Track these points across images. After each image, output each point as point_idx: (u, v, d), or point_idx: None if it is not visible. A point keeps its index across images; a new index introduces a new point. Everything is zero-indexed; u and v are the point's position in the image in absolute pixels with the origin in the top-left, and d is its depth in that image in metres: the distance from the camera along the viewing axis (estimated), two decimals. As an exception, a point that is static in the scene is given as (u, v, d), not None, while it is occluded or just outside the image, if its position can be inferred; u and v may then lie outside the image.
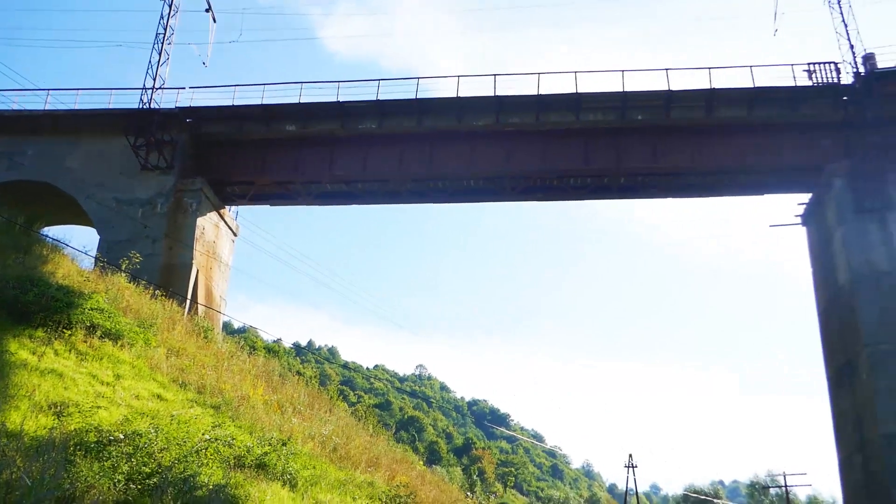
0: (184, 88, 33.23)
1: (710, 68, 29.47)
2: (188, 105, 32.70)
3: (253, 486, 13.60)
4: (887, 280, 26.18)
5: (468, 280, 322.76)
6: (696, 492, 62.78)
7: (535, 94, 30.39)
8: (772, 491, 51.04)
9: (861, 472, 25.89)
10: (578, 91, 30.04)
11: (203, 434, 14.08)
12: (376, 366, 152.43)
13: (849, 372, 26.94)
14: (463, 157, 32.04)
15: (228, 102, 32.63)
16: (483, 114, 31.39)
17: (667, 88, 29.50)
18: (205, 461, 13.04)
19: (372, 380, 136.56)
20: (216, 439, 14.13)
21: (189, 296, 30.33)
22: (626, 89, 29.72)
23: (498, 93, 30.73)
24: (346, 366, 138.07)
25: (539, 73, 30.56)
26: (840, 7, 30.23)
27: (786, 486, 43.48)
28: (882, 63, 28.61)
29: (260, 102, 32.24)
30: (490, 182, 33.12)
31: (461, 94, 31.05)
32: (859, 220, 27.31)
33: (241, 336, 58.26)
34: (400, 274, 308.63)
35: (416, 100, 31.38)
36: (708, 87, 29.36)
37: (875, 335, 25.57)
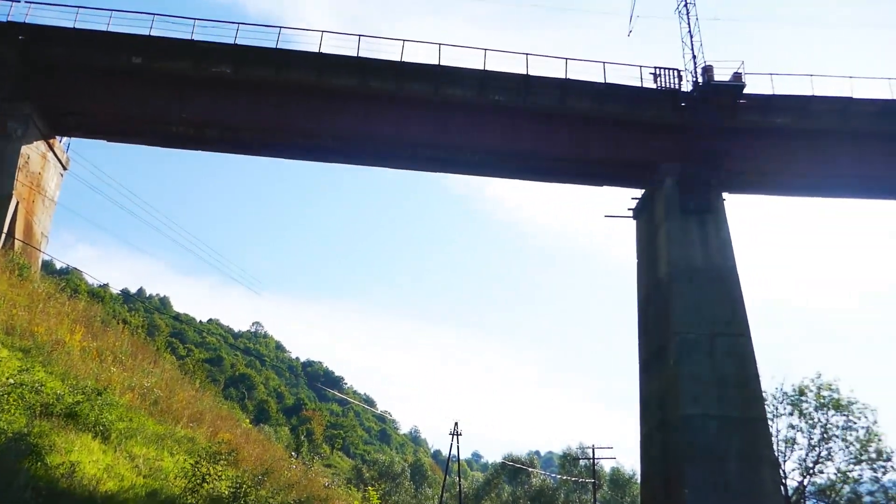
0: (19, 1, 30.25)
1: (566, 59, 30.58)
2: (21, 21, 29.83)
3: (60, 436, 12.89)
4: (700, 276, 28.57)
5: (318, 240, 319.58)
6: (513, 460, 66.24)
7: (398, 60, 30.29)
8: (581, 462, 54.86)
9: (659, 448, 28.27)
10: (441, 64, 30.27)
11: (7, 378, 13.17)
12: (210, 320, 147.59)
13: (658, 357, 29.22)
14: (321, 114, 31.44)
15: (69, 24, 30.06)
16: (344, 73, 30.88)
17: (525, 73, 30.33)
18: (6, 407, 12.20)
19: (204, 334, 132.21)
20: (22, 384, 13.28)
21: (5, 229, 28.00)
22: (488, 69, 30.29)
23: (362, 54, 30.36)
24: (177, 318, 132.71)
25: (403, 41, 30.51)
26: (688, 18, 32.26)
27: (593, 458, 46.98)
28: (719, 76, 30.87)
29: (106, 29, 30.00)
30: (344, 142, 32.73)
31: (323, 51, 30.40)
32: (683, 220, 29.52)
33: (64, 278, 54.42)
34: (244, 229, 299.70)
35: (275, 49, 30.32)
36: (563, 76, 30.47)
37: (684, 325, 27.87)
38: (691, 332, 27.87)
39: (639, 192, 32.75)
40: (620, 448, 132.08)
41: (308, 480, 24.99)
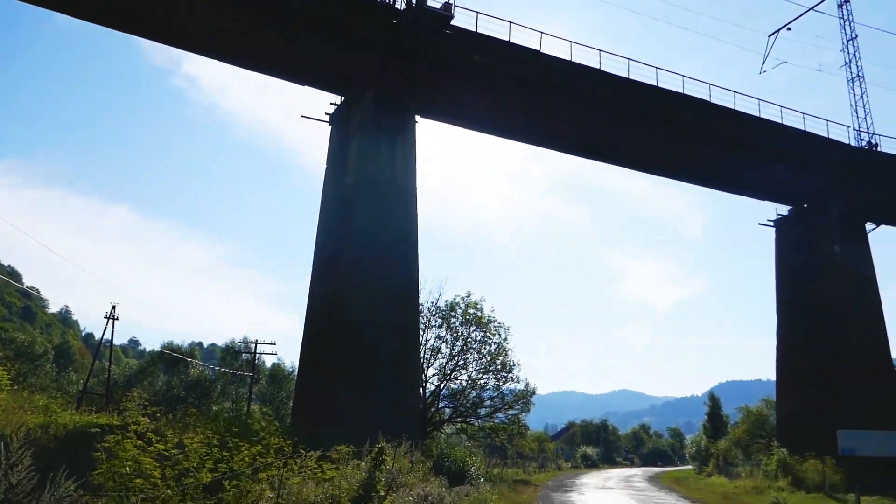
0: None
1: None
2: None
3: None
4: (382, 190, 29.95)
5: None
6: (172, 349, 64.39)
7: None
8: (243, 356, 55.37)
9: (321, 349, 29.51)
10: None
11: None
12: None
13: (333, 262, 30.24)
14: None
15: None
16: None
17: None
18: None
19: None
20: None
21: None
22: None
23: None
24: None
25: None
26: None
27: (255, 353, 47.73)
28: (432, 3, 31.83)
29: None
30: None
31: None
32: (376, 134, 30.42)
33: None
34: None
35: None
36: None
37: (360, 235, 29.19)
38: (366, 242, 29.29)
39: (338, 99, 32.91)
40: (284, 346, 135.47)
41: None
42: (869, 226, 41.63)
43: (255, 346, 47.32)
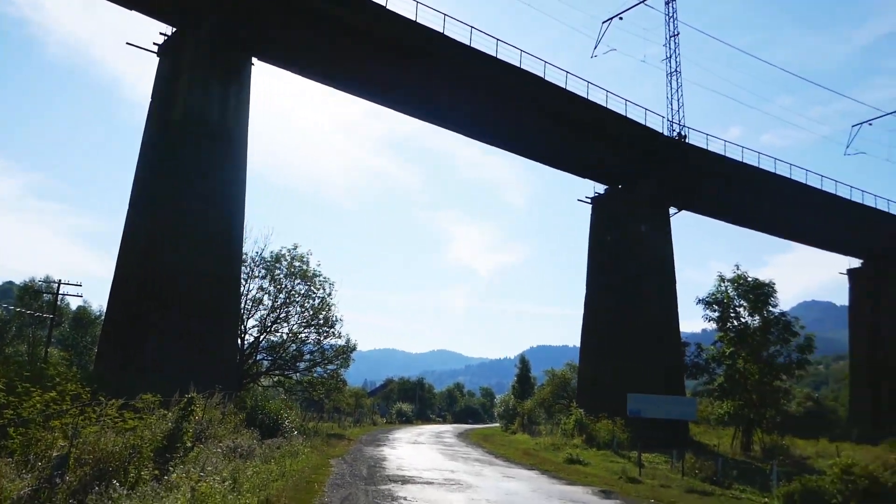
0: None
1: None
2: None
3: None
4: (205, 129, 28.59)
5: None
6: (-44, 285, 57.87)
7: None
8: (45, 296, 51.01)
9: (134, 293, 27.87)
10: None
11: None
12: None
13: (151, 202, 28.54)
14: None
15: None
16: None
17: None
18: None
19: None
20: None
21: None
22: None
23: None
24: None
25: None
26: None
27: (57, 293, 44.14)
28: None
29: None
30: None
31: None
32: (208, 71, 28.81)
33: None
34: None
35: None
36: None
37: (182, 173, 27.78)
38: (188, 185, 27.89)
39: (170, 30, 30.73)
40: (97, 289, 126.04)
41: None
42: (672, 210, 45.52)
43: (58, 287, 43.67)
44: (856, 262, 58.88)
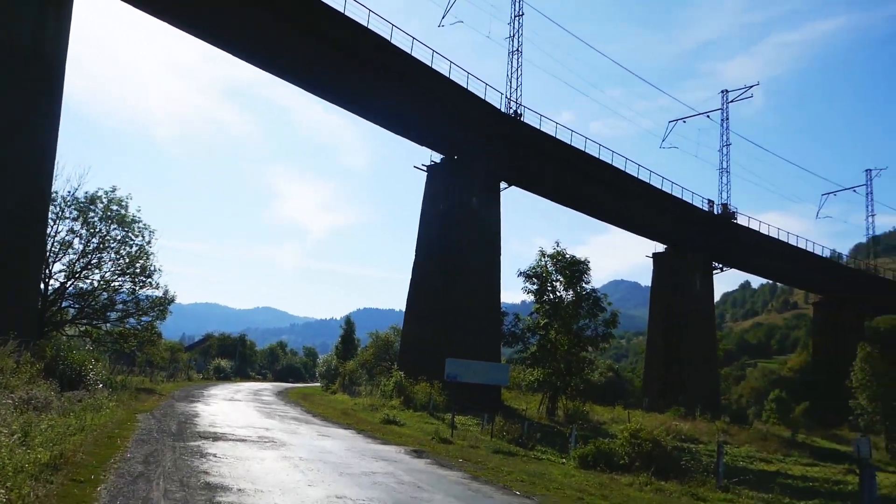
0: None
1: None
2: None
3: None
4: (11, 54, 25.93)
5: None
6: None
7: None
8: None
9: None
10: None
11: None
12: None
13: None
14: None
15: None
16: None
17: None
18: None
19: None
20: None
21: None
22: None
23: None
24: None
25: None
26: None
27: None
28: None
29: None
30: None
31: None
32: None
33: None
34: None
35: None
36: None
37: None
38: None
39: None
40: None
41: None
42: (503, 185, 47.22)
43: None
44: (661, 248, 64.27)
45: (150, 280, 35.84)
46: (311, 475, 11.85)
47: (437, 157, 47.07)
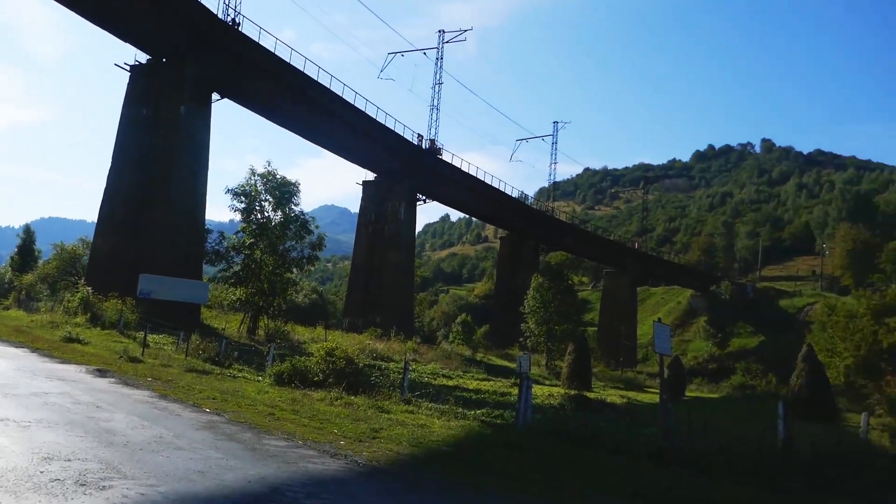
0: None
1: None
2: None
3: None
4: None
5: None
6: None
7: None
8: None
9: None
10: None
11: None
12: None
13: None
14: None
15: None
16: None
17: None
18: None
19: None
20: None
21: None
22: None
23: None
24: None
25: None
26: None
27: None
28: None
29: None
30: None
31: None
32: None
33: None
34: None
35: None
36: None
37: None
38: None
39: None
40: None
41: None
42: (215, 96, 44.73)
43: None
44: (371, 176, 66.25)
45: None
46: (-32, 397, 10.70)
47: (143, 57, 43.04)
